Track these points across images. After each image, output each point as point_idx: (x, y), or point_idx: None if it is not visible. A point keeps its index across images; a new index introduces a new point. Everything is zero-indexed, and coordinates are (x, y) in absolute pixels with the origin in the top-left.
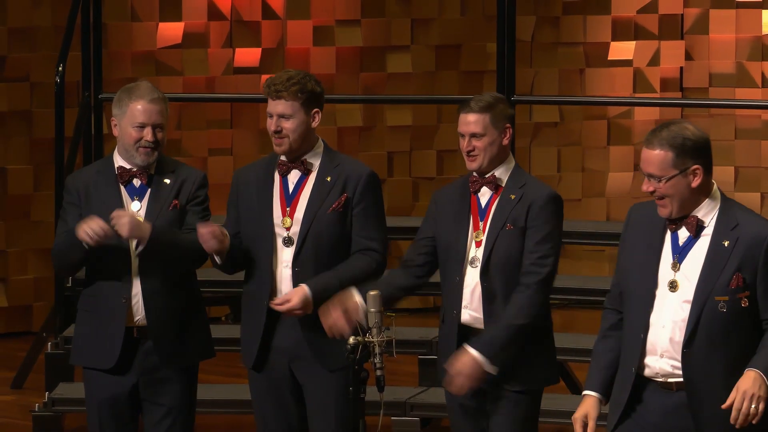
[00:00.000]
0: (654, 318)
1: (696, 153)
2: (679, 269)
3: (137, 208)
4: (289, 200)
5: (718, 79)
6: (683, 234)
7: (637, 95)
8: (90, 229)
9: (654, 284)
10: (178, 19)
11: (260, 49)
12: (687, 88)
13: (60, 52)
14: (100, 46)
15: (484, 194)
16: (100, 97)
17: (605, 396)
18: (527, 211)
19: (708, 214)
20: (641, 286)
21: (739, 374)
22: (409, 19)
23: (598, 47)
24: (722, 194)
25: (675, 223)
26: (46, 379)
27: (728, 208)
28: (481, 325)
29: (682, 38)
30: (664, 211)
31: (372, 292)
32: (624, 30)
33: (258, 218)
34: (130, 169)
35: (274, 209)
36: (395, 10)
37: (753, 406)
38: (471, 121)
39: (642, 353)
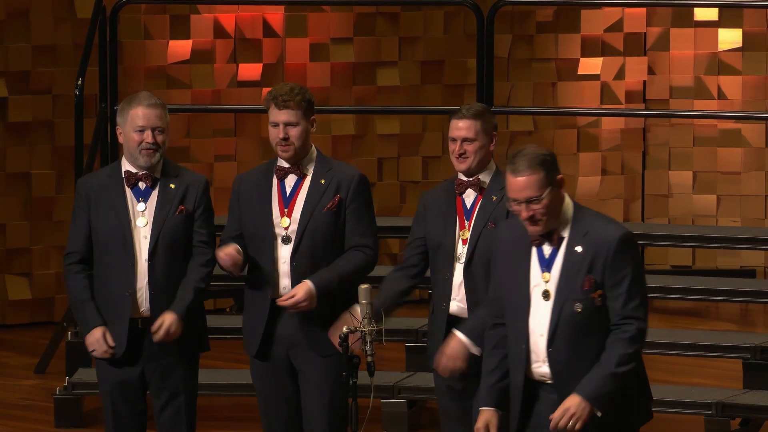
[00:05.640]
0: (532, 327)
1: (555, 165)
2: (548, 279)
3: (142, 209)
4: (287, 202)
5: (678, 92)
6: (547, 247)
7: (604, 106)
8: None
9: (528, 296)
10: (187, 37)
11: (261, 64)
12: (650, 99)
13: (79, 68)
14: (116, 62)
15: (469, 196)
16: (115, 108)
17: (500, 407)
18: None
19: (564, 225)
20: (518, 299)
21: None
22: (397, 37)
23: (569, 63)
24: (574, 203)
25: (537, 239)
26: (66, 364)
27: (580, 217)
28: (466, 315)
29: (645, 54)
30: (537, 230)
31: (363, 286)
32: (592, 47)
33: (259, 219)
34: (136, 173)
35: (273, 210)
36: (384, 29)
37: (570, 423)
38: (464, 126)
39: (527, 361)
